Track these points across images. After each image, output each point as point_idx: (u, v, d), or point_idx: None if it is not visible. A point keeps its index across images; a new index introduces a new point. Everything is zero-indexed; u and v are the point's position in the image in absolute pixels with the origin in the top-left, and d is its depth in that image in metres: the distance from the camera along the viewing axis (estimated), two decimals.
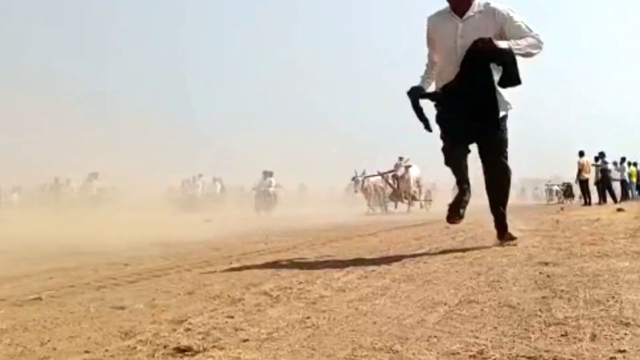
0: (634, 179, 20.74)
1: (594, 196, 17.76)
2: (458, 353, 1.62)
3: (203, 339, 1.82)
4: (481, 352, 1.62)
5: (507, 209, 4.53)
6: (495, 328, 1.89)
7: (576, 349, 1.62)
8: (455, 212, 4.42)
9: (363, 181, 19.02)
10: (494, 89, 4.17)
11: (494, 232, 4.54)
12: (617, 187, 19.58)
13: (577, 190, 28.98)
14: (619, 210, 10.42)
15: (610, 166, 18.12)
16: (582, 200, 17.43)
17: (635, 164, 20.44)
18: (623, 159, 20.01)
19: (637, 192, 20.79)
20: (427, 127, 4.34)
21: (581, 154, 17.59)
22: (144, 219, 11.86)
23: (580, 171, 17.31)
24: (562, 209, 14.09)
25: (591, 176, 17.81)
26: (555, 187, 27.76)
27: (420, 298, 2.44)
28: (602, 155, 17.96)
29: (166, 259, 4.28)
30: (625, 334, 1.75)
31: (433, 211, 17.12)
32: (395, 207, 19.50)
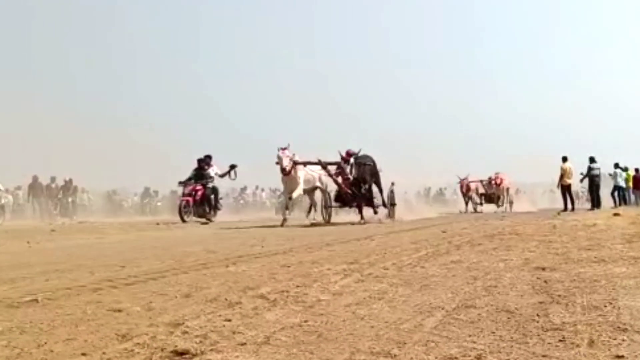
0: (630, 184, 20.80)
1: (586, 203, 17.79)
2: (456, 358, 1.62)
3: (200, 342, 1.82)
4: (479, 357, 1.62)
5: None
6: (493, 333, 1.89)
7: (574, 355, 1.62)
8: None
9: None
10: None
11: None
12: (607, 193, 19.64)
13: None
14: (616, 215, 10.44)
15: (597, 172, 18.11)
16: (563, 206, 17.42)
17: (626, 169, 20.50)
18: (616, 165, 20.05)
19: (633, 197, 20.84)
20: None
21: (564, 159, 17.62)
22: None
23: (562, 176, 17.34)
24: (558, 213, 14.10)
25: (574, 181, 17.87)
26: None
27: (418, 302, 2.45)
28: (592, 160, 18.00)
29: (162, 262, 4.26)
30: (623, 339, 1.75)
31: None
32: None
